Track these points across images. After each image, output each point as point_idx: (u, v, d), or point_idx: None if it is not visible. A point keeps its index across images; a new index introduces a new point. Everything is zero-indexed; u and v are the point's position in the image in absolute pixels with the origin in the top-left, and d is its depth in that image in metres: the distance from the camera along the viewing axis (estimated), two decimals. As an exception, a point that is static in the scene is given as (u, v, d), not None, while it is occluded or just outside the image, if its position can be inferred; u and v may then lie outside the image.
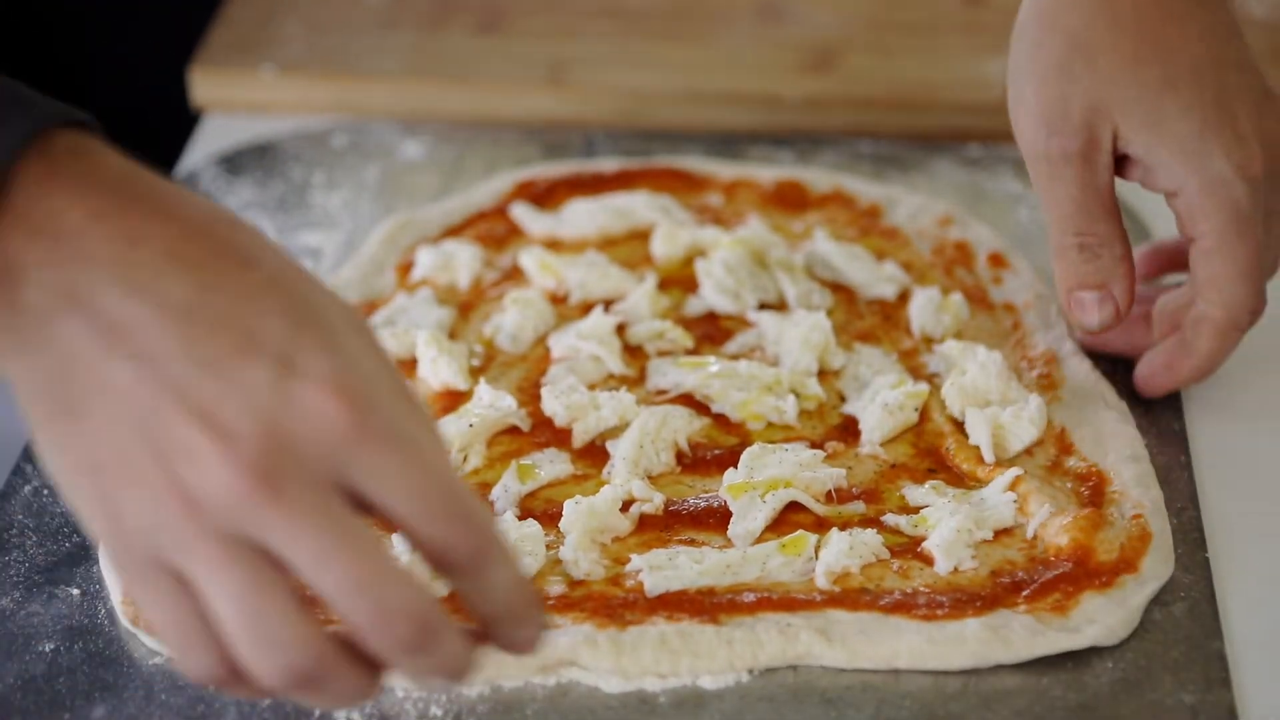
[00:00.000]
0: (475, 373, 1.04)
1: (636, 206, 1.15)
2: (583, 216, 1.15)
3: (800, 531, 0.91)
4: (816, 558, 0.90)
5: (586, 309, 1.08)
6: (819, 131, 1.27)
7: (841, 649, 0.85)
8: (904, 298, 1.09)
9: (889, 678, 0.86)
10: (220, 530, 0.69)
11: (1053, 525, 0.92)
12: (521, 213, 1.16)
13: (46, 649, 0.87)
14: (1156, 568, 0.90)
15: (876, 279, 1.10)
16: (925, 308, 1.07)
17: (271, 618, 0.69)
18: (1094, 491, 0.95)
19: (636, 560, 0.89)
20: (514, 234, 1.15)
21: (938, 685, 0.85)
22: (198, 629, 0.70)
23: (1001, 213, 1.18)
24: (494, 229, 1.15)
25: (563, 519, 0.91)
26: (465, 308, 1.09)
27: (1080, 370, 1.03)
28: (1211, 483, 0.97)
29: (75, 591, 0.91)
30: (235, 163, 1.24)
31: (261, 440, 0.69)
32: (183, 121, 1.31)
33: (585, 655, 0.85)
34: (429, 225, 1.15)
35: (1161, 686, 0.85)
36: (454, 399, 1.02)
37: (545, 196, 1.18)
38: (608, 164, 1.21)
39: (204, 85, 1.30)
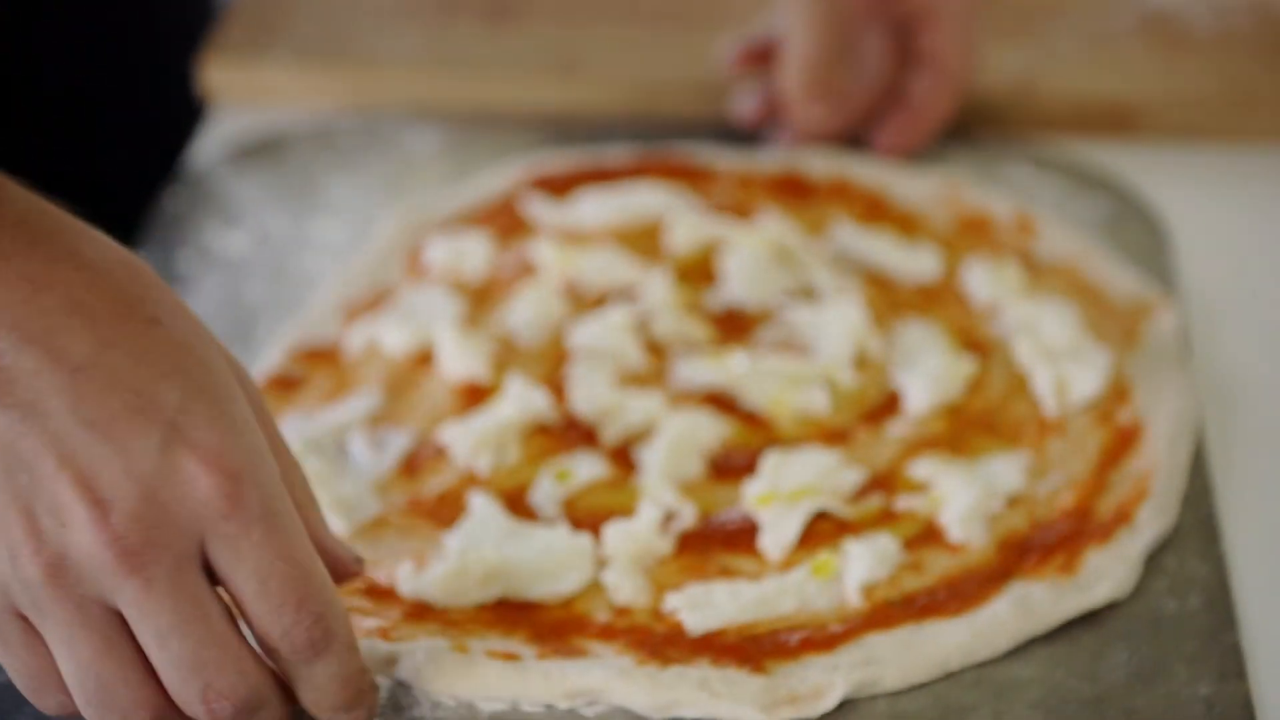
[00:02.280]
0: (494, 367, 1.03)
1: (649, 199, 1.15)
2: (595, 209, 1.14)
3: (825, 554, 0.90)
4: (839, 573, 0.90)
5: (600, 300, 1.08)
6: (831, 122, 1.26)
7: (894, 672, 0.84)
8: (942, 275, 1.09)
9: (901, 672, 0.86)
10: (76, 593, 0.70)
11: (1061, 493, 0.93)
12: (534, 206, 1.15)
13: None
14: (1152, 518, 0.91)
15: (912, 261, 1.10)
16: (983, 278, 1.07)
17: (115, 684, 0.71)
18: (1124, 444, 0.95)
19: (672, 599, 0.87)
20: (526, 225, 1.15)
21: (952, 677, 0.85)
22: (46, 674, 0.72)
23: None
24: (506, 220, 1.15)
25: (607, 544, 0.90)
26: (479, 299, 1.09)
27: (1167, 326, 1.03)
28: (1227, 476, 0.97)
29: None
30: (245, 153, 1.24)
31: (136, 512, 0.69)
32: (191, 113, 1.30)
33: (619, 689, 0.83)
34: (440, 214, 1.15)
35: (1177, 679, 0.84)
36: (476, 393, 1.01)
37: (556, 183, 1.17)
38: (616, 155, 1.20)
39: (213, 76, 1.30)
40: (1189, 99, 1.25)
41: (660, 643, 0.85)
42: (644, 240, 1.13)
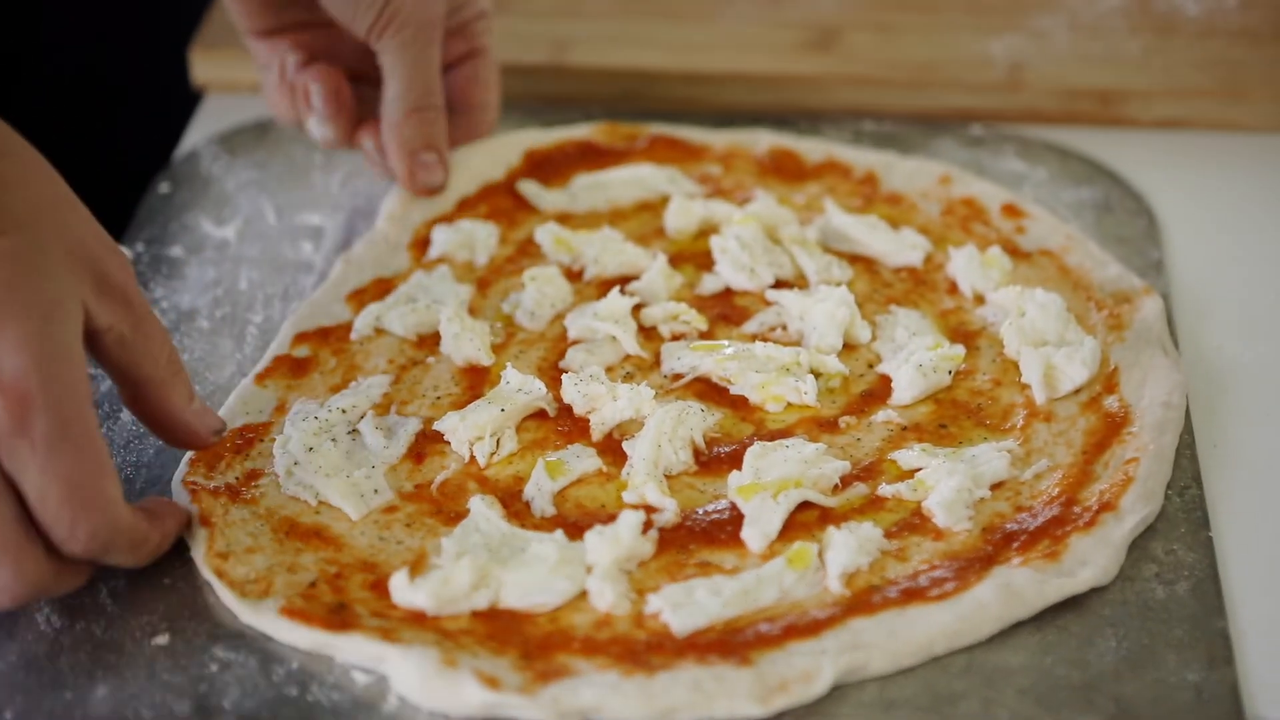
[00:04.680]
0: (496, 349, 1.04)
1: (644, 177, 1.16)
2: (592, 191, 1.15)
3: (799, 543, 0.90)
4: (820, 561, 0.90)
5: (602, 285, 1.08)
6: (821, 110, 1.27)
7: (881, 656, 0.85)
8: (929, 262, 1.10)
9: (891, 658, 0.86)
10: None
11: (1046, 479, 0.94)
12: (532, 190, 1.16)
13: (49, 629, 0.87)
14: (1137, 504, 0.91)
15: (899, 247, 1.10)
16: (968, 266, 1.08)
17: None
18: (1111, 431, 0.96)
19: (655, 600, 0.88)
20: (525, 208, 1.16)
21: (941, 664, 0.85)
22: None
23: (1004, 192, 1.18)
24: (505, 204, 1.15)
25: (589, 550, 0.90)
26: (483, 284, 1.10)
27: (1150, 314, 1.04)
28: (1214, 462, 0.97)
29: (77, 571, 0.91)
30: (235, 142, 1.24)
31: None
32: (184, 101, 1.30)
33: (613, 704, 0.83)
34: (440, 201, 1.15)
35: (1165, 665, 0.85)
36: (478, 375, 1.02)
37: (551, 169, 1.18)
38: (606, 132, 1.20)
39: (204, 65, 1.30)
40: (1176, 87, 1.25)
41: (644, 650, 0.85)
42: (642, 221, 1.14)
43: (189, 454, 0.96)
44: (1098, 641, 0.86)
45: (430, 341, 1.04)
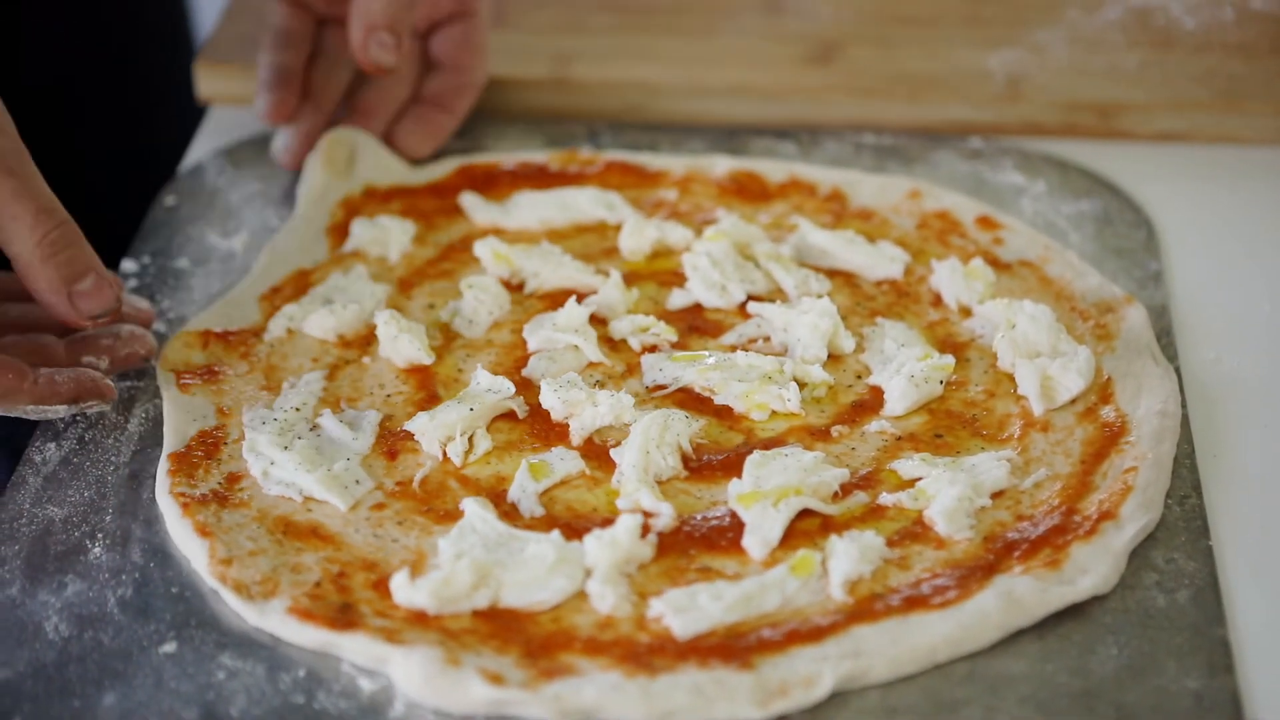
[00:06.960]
0: (436, 352, 1.05)
1: (582, 201, 1.16)
2: (526, 209, 1.16)
3: (803, 551, 0.91)
4: (823, 568, 0.90)
5: (544, 298, 1.09)
6: (821, 124, 1.27)
7: (883, 663, 0.85)
8: (910, 275, 1.11)
9: (894, 666, 0.87)
10: None
11: (1046, 488, 0.94)
12: (469, 201, 1.17)
13: (57, 637, 0.88)
14: (1137, 513, 0.92)
15: (877, 260, 1.11)
16: (952, 278, 1.08)
17: None
18: (1108, 441, 0.96)
19: (657, 604, 0.88)
20: (447, 212, 1.17)
21: (943, 671, 0.86)
22: None
23: (1004, 204, 1.18)
24: (427, 205, 1.17)
25: (589, 554, 0.90)
26: (405, 285, 1.11)
27: (1137, 323, 1.04)
28: (1214, 472, 0.98)
29: (85, 581, 0.91)
30: (240, 155, 1.24)
31: None
32: (189, 115, 1.31)
33: (615, 704, 0.84)
34: (352, 183, 1.17)
35: (1166, 673, 0.85)
36: (424, 373, 1.03)
37: (488, 183, 1.19)
38: (555, 157, 1.21)
39: (209, 79, 1.30)
40: (1175, 100, 1.26)
41: (646, 652, 0.86)
42: (583, 242, 1.14)
43: (166, 466, 0.96)
44: (1099, 649, 0.87)
45: (357, 342, 1.05)
